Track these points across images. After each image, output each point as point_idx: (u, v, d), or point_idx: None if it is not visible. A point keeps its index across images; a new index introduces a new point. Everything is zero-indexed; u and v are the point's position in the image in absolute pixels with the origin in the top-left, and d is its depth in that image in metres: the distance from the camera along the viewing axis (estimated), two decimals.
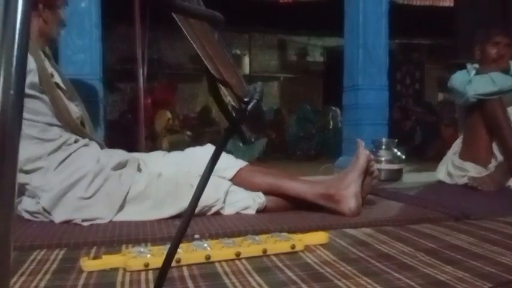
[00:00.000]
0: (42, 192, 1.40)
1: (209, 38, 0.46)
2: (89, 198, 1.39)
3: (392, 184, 2.48)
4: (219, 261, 1.03)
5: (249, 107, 0.51)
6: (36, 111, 1.46)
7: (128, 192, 1.43)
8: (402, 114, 6.22)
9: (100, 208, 1.40)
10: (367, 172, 1.57)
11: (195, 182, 1.45)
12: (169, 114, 5.28)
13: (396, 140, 2.79)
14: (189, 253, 1.02)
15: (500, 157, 2.30)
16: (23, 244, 1.15)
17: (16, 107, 0.29)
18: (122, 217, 1.42)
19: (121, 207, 1.43)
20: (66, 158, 1.45)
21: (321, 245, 1.18)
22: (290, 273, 0.95)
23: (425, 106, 6.44)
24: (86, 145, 1.54)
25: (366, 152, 1.58)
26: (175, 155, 1.68)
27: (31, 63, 1.43)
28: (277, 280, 0.91)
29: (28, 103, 1.42)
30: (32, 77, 1.43)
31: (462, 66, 2.53)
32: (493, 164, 2.31)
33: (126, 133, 4.30)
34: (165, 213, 1.45)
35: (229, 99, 0.54)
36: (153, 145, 4.78)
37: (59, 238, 1.21)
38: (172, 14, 0.42)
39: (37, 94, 1.45)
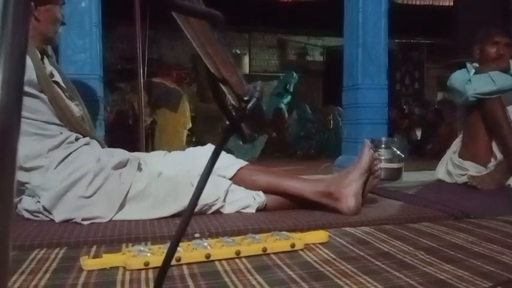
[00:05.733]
0: (42, 191, 1.40)
1: (209, 37, 0.46)
2: (89, 197, 1.39)
3: (392, 183, 2.48)
4: (219, 260, 1.03)
5: (249, 105, 0.51)
6: (35, 110, 1.46)
7: (128, 191, 1.43)
8: (399, 113, 6.24)
9: (100, 207, 1.40)
10: (370, 172, 1.57)
11: (195, 181, 1.45)
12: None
13: (396, 139, 2.79)
14: (189, 252, 1.02)
15: (499, 156, 2.30)
16: (23, 243, 1.15)
17: (15, 105, 0.29)
18: (122, 216, 1.43)
19: (121, 206, 1.43)
20: (66, 157, 1.45)
21: (321, 243, 1.18)
22: (290, 272, 0.95)
23: (426, 105, 6.43)
24: (86, 144, 1.54)
25: (371, 152, 1.58)
26: (176, 154, 1.69)
27: (27, 60, 1.42)
28: (277, 279, 0.91)
29: (26, 102, 1.41)
30: (28, 74, 1.42)
31: (462, 66, 2.53)
32: (492, 163, 2.31)
33: (124, 132, 4.30)
34: (165, 212, 1.45)
35: (229, 98, 0.54)
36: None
37: (59, 237, 1.21)
38: (172, 13, 0.42)
39: (35, 93, 1.45)
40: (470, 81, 2.32)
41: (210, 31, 0.45)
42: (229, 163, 1.59)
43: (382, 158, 2.61)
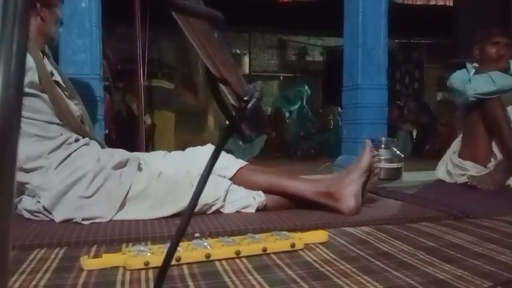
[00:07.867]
0: (43, 191, 1.40)
1: (209, 38, 0.46)
2: (90, 197, 1.40)
3: (391, 183, 2.48)
4: (219, 260, 1.03)
5: (249, 105, 0.51)
6: (36, 110, 1.46)
7: (128, 191, 1.43)
8: (399, 113, 6.24)
9: (100, 207, 1.40)
10: (370, 172, 1.57)
11: (195, 180, 1.45)
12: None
13: (395, 139, 2.79)
14: (189, 252, 1.02)
15: (499, 156, 2.30)
16: (23, 243, 1.15)
17: (15, 106, 0.29)
18: (122, 216, 1.43)
19: (121, 206, 1.43)
20: (66, 158, 1.45)
21: (321, 243, 1.18)
22: (290, 272, 0.95)
23: (421, 106, 6.45)
24: (86, 144, 1.54)
25: (371, 152, 1.58)
26: (176, 154, 1.69)
27: (30, 61, 1.43)
28: (277, 278, 0.91)
29: (28, 101, 1.42)
30: (31, 76, 1.43)
31: (462, 66, 2.53)
32: (492, 163, 2.31)
33: (122, 132, 4.29)
34: (165, 212, 1.45)
35: (229, 98, 0.54)
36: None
37: (59, 237, 1.21)
38: (172, 13, 0.42)
39: (37, 92, 1.45)
40: (470, 82, 2.32)
41: (210, 31, 0.45)
42: (229, 163, 1.60)
43: (382, 158, 2.61)
